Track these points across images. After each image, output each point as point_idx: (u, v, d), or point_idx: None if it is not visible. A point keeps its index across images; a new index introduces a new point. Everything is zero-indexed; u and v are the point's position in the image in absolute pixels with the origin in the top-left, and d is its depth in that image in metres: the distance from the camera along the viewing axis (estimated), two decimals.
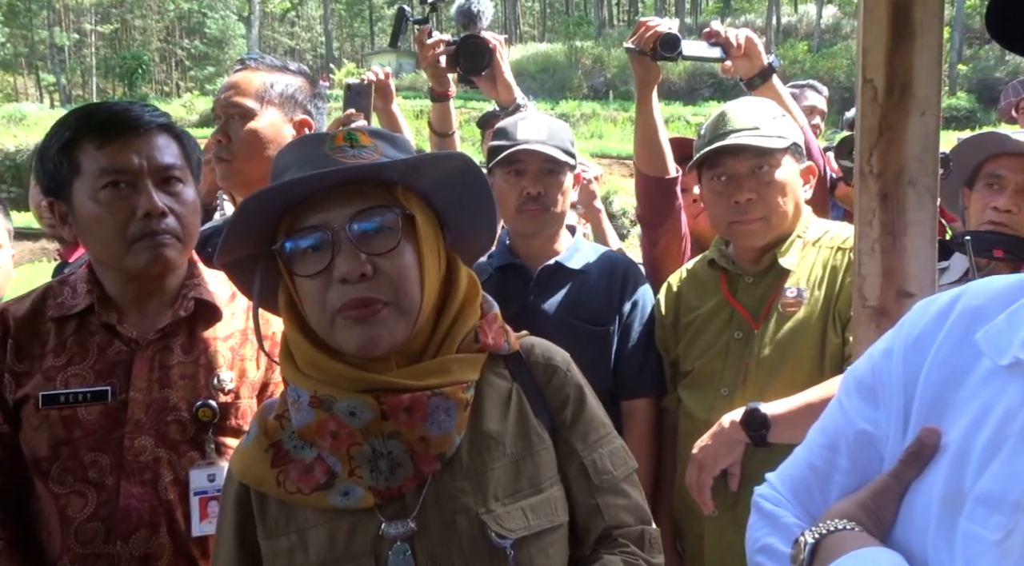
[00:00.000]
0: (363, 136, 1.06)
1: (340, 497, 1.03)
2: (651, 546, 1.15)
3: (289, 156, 1.07)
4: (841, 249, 1.76)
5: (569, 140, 1.98)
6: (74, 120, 1.38)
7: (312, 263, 1.02)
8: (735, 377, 1.76)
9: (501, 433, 1.08)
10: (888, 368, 0.83)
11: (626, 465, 1.17)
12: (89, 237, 1.39)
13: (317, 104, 1.95)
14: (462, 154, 1.11)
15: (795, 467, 0.92)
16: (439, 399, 1.02)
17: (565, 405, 1.14)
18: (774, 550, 0.86)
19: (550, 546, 1.06)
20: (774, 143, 1.74)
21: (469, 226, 1.16)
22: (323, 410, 1.01)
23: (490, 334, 1.11)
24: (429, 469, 1.03)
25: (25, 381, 1.36)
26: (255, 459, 1.08)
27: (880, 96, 1.25)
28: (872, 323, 1.28)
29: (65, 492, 1.33)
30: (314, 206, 1.02)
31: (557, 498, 1.09)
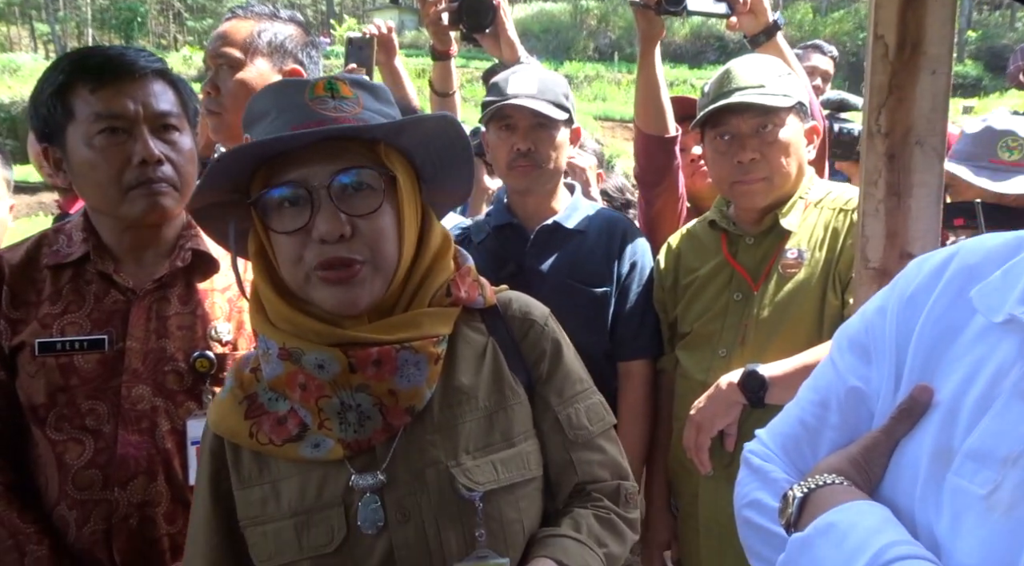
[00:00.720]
0: (344, 86, 1.03)
1: (311, 449, 1.03)
2: (626, 501, 1.16)
3: (266, 101, 1.03)
4: (843, 210, 1.74)
5: (563, 94, 1.93)
6: (67, 64, 1.36)
7: (290, 219, 1.00)
8: (733, 338, 1.77)
9: (474, 387, 1.08)
10: (881, 326, 0.83)
11: (603, 421, 1.17)
12: (84, 184, 1.37)
13: (310, 53, 1.91)
14: (446, 115, 1.09)
15: (785, 424, 0.92)
16: (408, 353, 1.02)
17: (541, 360, 1.14)
18: (763, 504, 0.87)
19: (521, 499, 1.07)
20: (779, 102, 1.71)
21: (447, 183, 1.15)
22: (292, 362, 1.01)
23: (463, 288, 1.10)
24: (399, 422, 1.03)
25: (21, 328, 1.36)
26: (229, 411, 1.08)
27: (891, 53, 1.23)
28: (874, 284, 1.28)
29: (63, 439, 1.34)
30: (292, 160, 0.99)
31: (530, 452, 1.10)
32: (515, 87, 1.88)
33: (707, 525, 1.79)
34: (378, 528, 1.01)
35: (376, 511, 1.01)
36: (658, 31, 2.06)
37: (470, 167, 1.15)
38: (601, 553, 1.08)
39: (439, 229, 1.12)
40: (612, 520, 1.12)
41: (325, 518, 1.02)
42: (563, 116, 1.90)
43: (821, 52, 3.94)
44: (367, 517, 1.01)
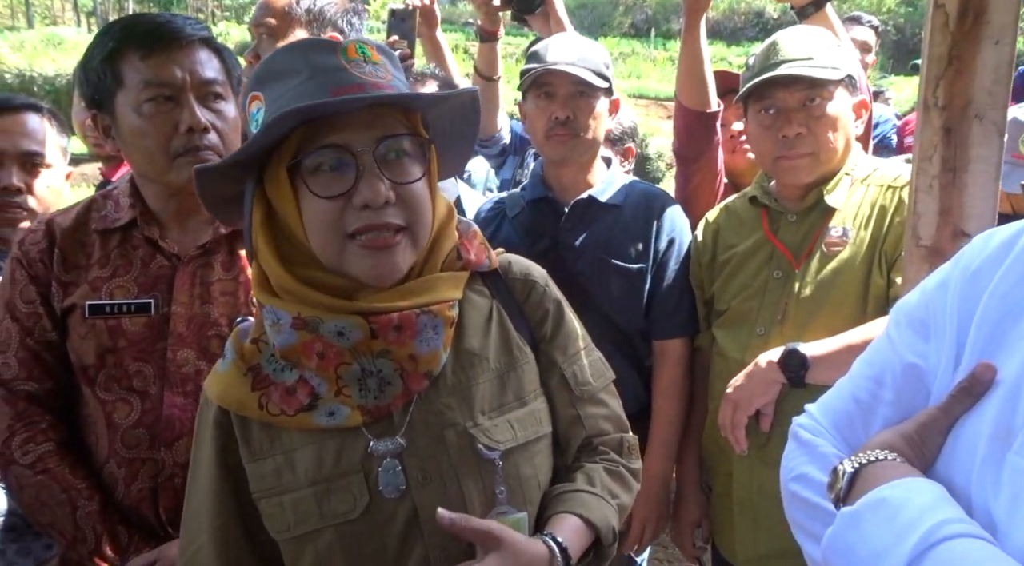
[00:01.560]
0: (373, 51, 1.01)
1: (325, 417, 1.02)
2: (629, 452, 1.20)
3: (292, 59, 0.99)
4: (891, 187, 1.70)
5: (604, 63, 1.89)
6: (118, 30, 1.38)
7: (330, 184, 0.97)
8: (772, 317, 1.74)
9: (484, 349, 1.09)
10: (942, 301, 0.80)
11: (604, 376, 1.21)
12: (132, 150, 1.39)
13: (351, 21, 1.90)
14: (474, 92, 1.08)
15: (838, 399, 0.90)
16: (427, 317, 1.02)
17: (545, 319, 1.17)
18: (810, 479, 0.86)
19: (535, 456, 1.10)
20: (828, 74, 1.66)
21: (447, 155, 1.15)
22: (308, 331, 0.99)
23: (472, 250, 1.12)
24: (418, 387, 1.04)
25: (72, 290, 1.40)
26: (234, 382, 1.06)
27: (952, 22, 1.18)
28: (925, 263, 1.24)
29: (111, 399, 1.37)
30: (333, 124, 0.97)
31: (541, 410, 1.13)
32: (555, 55, 1.85)
33: (741, 505, 1.78)
34: (400, 491, 1.01)
35: (397, 475, 1.01)
36: (704, 3, 2.01)
37: (471, 146, 1.18)
38: (615, 504, 1.12)
39: (443, 199, 1.12)
40: (620, 472, 1.17)
41: (345, 485, 1.02)
42: (603, 84, 1.87)
43: (859, 23, 3.79)
44: (388, 481, 1.01)
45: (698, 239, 1.95)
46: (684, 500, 1.97)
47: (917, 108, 1.26)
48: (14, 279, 1.41)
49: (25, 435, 1.36)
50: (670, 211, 1.95)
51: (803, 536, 0.87)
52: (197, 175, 1.03)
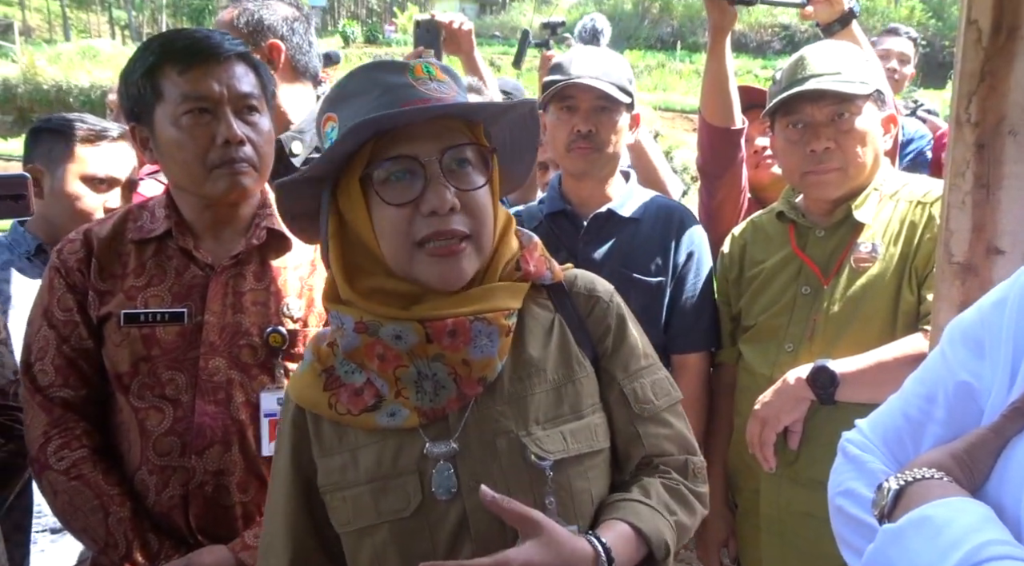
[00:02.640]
0: (438, 70, 1.07)
1: (387, 417, 1.07)
2: (695, 475, 1.17)
3: (363, 80, 1.06)
4: (921, 203, 1.68)
5: (627, 78, 1.90)
6: (157, 46, 1.41)
7: (399, 192, 1.03)
8: (801, 333, 1.72)
9: (542, 360, 1.11)
10: (999, 319, 0.79)
11: (669, 396, 1.18)
12: (170, 162, 1.43)
13: (294, 26, 1.95)
14: (533, 104, 1.13)
15: (888, 415, 0.90)
16: (481, 324, 1.05)
17: (606, 335, 1.16)
18: (857, 494, 0.85)
19: (589, 470, 1.09)
20: (856, 89, 1.66)
21: (509, 167, 1.18)
22: (368, 334, 1.05)
23: (531, 262, 1.13)
24: (472, 392, 1.06)
25: (108, 299, 1.42)
26: (309, 383, 1.13)
27: (985, 38, 1.17)
28: (957, 280, 1.22)
29: (144, 406, 1.40)
30: (401, 136, 1.03)
31: (598, 424, 1.12)
32: (579, 68, 1.86)
33: (768, 523, 1.76)
34: (452, 494, 1.04)
35: (449, 478, 1.04)
36: (730, 21, 2.01)
37: (533, 156, 1.19)
38: (672, 520, 1.09)
39: (503, 209, 1.16)
40: (681, 491, 1.13)
41: (401, 484, 1.06)
42: (626, 99, 1.87)
43: (897, 34, 3.72)
44: (441, 483, 1.04)
45: (725, 254, 1.94)
46: (710, 518, 1.92)
47: (949, 124, 1.25)
48: (52, 287, 1.44)
49: (60, 441, 1.39)
50: (689, 225, 1.95)
51: (848, 551, 0.87)
52: (278, 189, 1.09)
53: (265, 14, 1.91)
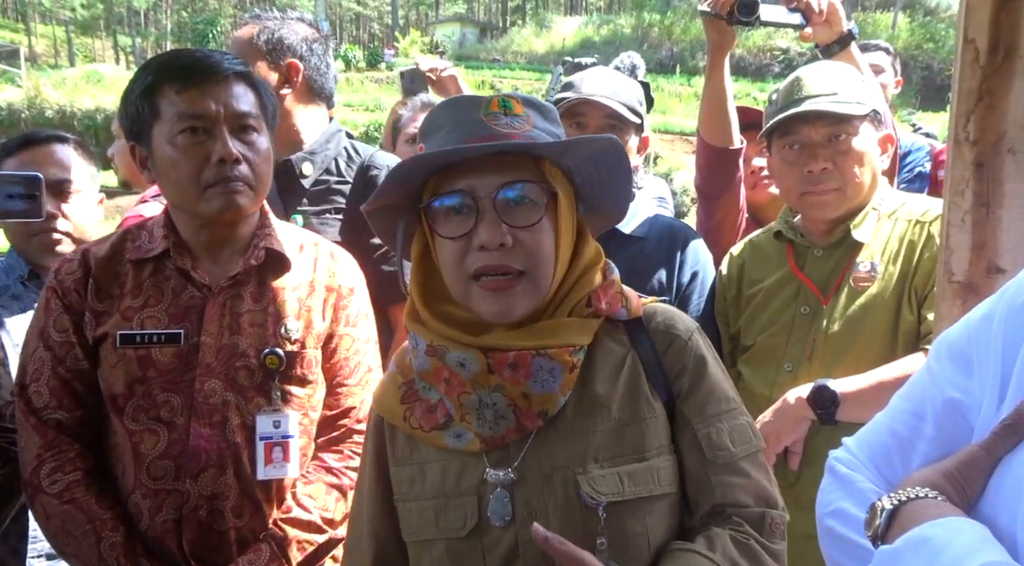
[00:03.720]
0: (517, 104, 1.09)
1: (454, 438, 1.10)
2: (771, 531, 1.07)
3: (442, 115, 1.10)
4: (920, 222, 1.68)
5: (637, 99, 1.91)
6: (156, 65, 1.41)
7: (454, 226, 1.06)
8: (800, 353, 1.71)
9: (608, 398, 1.09)
10: (987, 334, 0.78)
11: (749, 443, 1.11)
12: (165, 181, 1.42)
13: (313, 47, 1.96)
14: (611, 138, 1.11)
15: (876, 433, 0.89)
16: (543, 359, 1.05)
17: (682, 374, 1.12)
18: (847, 514, 0.84)
19: (648, 514, 1.05)
20: (853, 109, 1.66)
21: (604, 202, 1.19)
22: (437, 359, 1.08)
23: (604, 299, 1.12)
24: (531, 424, 1.07)
25: (104, 320, 1.41)
26: (389, 393, 1.17)
27: (982, 58, 1.17)
28: (958, 299, 1.22)
29: (139, 429, 1.38)
30: (463, 171, 1.05)
31: (662, 468, 1.07)
32: (590, 86, 1.87)
33: None
34: (506, 521, 1.05)
35: (505, 505, 1.06)
36: (729, 41, 2.02)
37: (628, 190, 1.19)
38: None
39: (593, 245, 1.17)
40: (752, 546, 1.04)
41: (461, 504, 1.08)
42: (635, 120, 1.88)
43: (869, 50, 3.71)
44: (496, 510, 1.06)
45: (723, 274, 1.94)
46: None
47: (948, 142, 1.25)
48: (48, 308, 1.43)
49: (53, 464, 1.37)
50: (694, 244, 1.94)
51: None
52: (367, 216, 1.14)
53: (285, 33, 1.93)
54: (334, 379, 1.51)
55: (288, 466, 1.42)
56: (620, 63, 2.72)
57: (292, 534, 1.42)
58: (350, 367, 1.52)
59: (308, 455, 1.49)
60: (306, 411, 1.47)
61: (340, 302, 1.53)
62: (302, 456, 1.46)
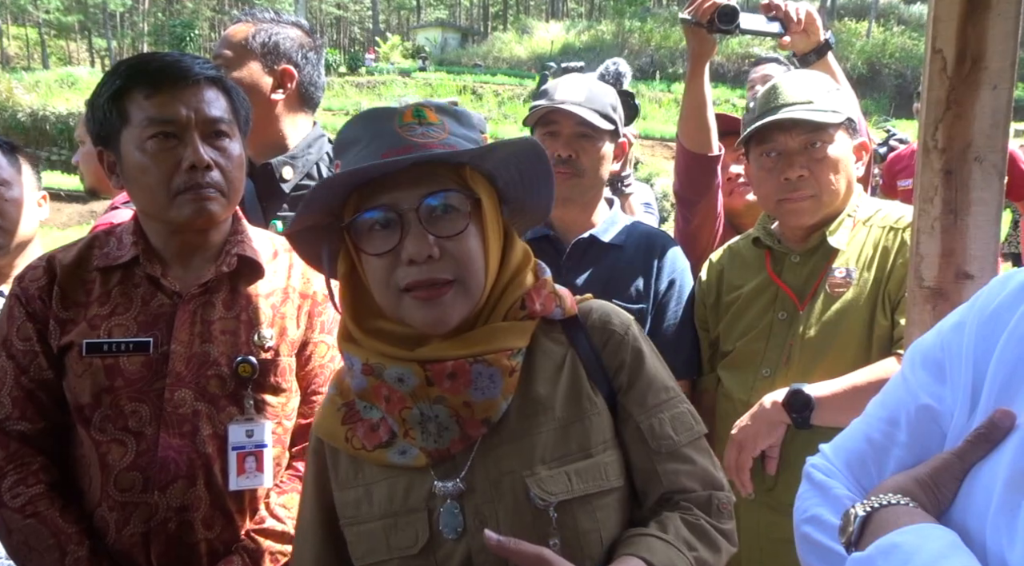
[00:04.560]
0: (431, 113, 1.07)
1: (398, 455, 1.08)
2: (719, 511, 1.11)
3: (357, 129, 1.09)
4: (893, 229, 1.70)
5: (610, 105, 1.90)
6: (125, 69, 1.39)
7: (380, 242, 1.04)
8: (777, 358, 1.73)
9: (550, 398, 1.09)
10: (958, 342, 0.79)
11: (691, 430, 1.14)
12: (135, 187, 1.40)
13: (308, 55, 1.95)
14: (530, 139, 1.11)
15: (851, 439, 0.89)
16: (482, 366, 1.04)
17: (621, 369, 1.14)
18: (822, 521, 0.84)
19: (598, 510, 1.06)
20: (828, 118, 1.68)
21: (528, 201, 1.18)
22: (374, 377, 1.07)
23: (538, 301, 1.12)
24: (476, 432, 1.06)
25: (70, 328, 1.38)
26: (329, 415, 1.15)
27: (949, 68, 1.19)
28: (928, 305, 1.23)
29: (106, 440, 1.35)
30: (384, 185, 1.04)
31: (608, 463, 1.09)
32: (563, 94, 1.87)
33: (748, 550, 1.74)
34: (458, 533, 1.04)
35: (456, 517, 1.05)
36: (709, 49, 2.05)
37: (551, 188, 1.17)
38: (691, 556, 1.04)
39: (520, 246, 1.15)
40: (702, 526, 1.08)
41: (411, 521, 1.07)
42: (608, 127, 1.88)
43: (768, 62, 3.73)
44: (448, 522, 1.05)
45: (702, 280, 1.94)
46: None
47: (917, 150, 1.26)
48: (11, 316, 1.40)
49: (16, 477, 1.34)
50: (671, 252, 1.95)
51: None
52: (289, 239, 1.14)
53: (282, 38, 1.91)
54: (309, 387, 1.49)
55: (261, 476, 1.40)
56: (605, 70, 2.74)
57: (265, 545, 1.40)
58: (325, 375, 1.49)
59: (282, 464, 1.47)
60: (280, 420, 1.45)
61: (315, 309, 1.51)
62: (276, 465, 1.44)
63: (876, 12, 36.24)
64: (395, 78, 31.10)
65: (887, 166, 4.78)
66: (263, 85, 1.87)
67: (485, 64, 36.34)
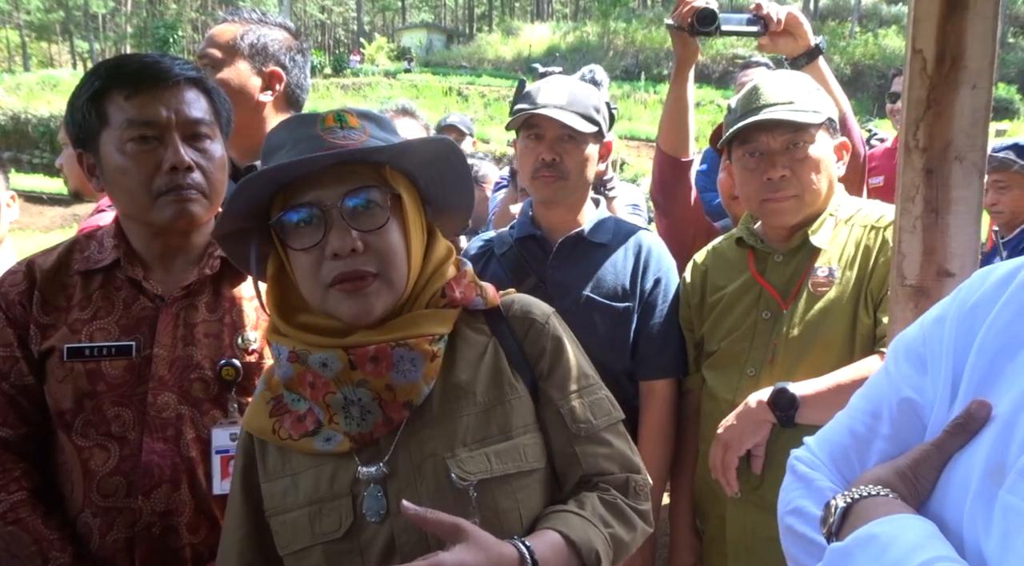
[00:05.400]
0: (352, 118, 1.12)
1: (323, 442, 1.11)
2: (636, 493, 1.19)
3: (281, 135, 1.12)
4: (875, 227, 1.71)
5: (593, 106, 1.90)
6: (104, 70, 1.37)
7: (306, 237, 1.08)
8: (762, 357, 1.73)
9: (471, 383, 1.14)
10: (939, 335, 0.80)
11: (609, 415, 1.21)
12: (115, 189, 1.38)
13: (295, 58, 1.95)
14: (445, 139, 1.16)
15: (835, 432, 0.90)
16: (403, 349, 1.09)
17: (542, 356, 1.19)
18: (805, 512, 0.85)
19: (518, 490, 1.11)
20: (809, 118, 1.69)
21: (449, 202, 1.23)
22: (300, 364, 1.10)
23: (458, 289, 1.17)
24: (398, 416, 1.10)
25: (51, 333, 1.37)
26: (258, 410, 1.18)
27: (929, 67, 1.20)
28: (910, 302, 1.24)
29: (88, 445, 1.34)
30: (308, 184, 1.08)
31: (528, 445, 1.14)
32: (545, 97, 1.87)
33: (735, 549, 1.75)
34: (381, 516, 1.08)
35: (379, 500, 1.08)
36: (692, 53, 2.08)
37: (469, 188, 1.22)
38: (606, 532, 1.11)
39: (443, 243, 1.21)
40: (618, 505, 1.15)
41: (335, 507, 1.10)
42: (591, 129, 1.88)
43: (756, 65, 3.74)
44: (371, 506, 1.08)
45: (687, 281, 1.95)
46: (677, 545, 1.93)
47: (898, 149, 1.28)
48: None
49: None
50: (657, 251, 1.96)
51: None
52: (218, 241, 1.17)
53: (270, 40, 1.91)
54: None
55: None
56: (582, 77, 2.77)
57: None
58: None
59: None
60: None
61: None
62: None
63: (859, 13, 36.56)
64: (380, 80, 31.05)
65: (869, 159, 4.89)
66: (251, 86, 1.87)
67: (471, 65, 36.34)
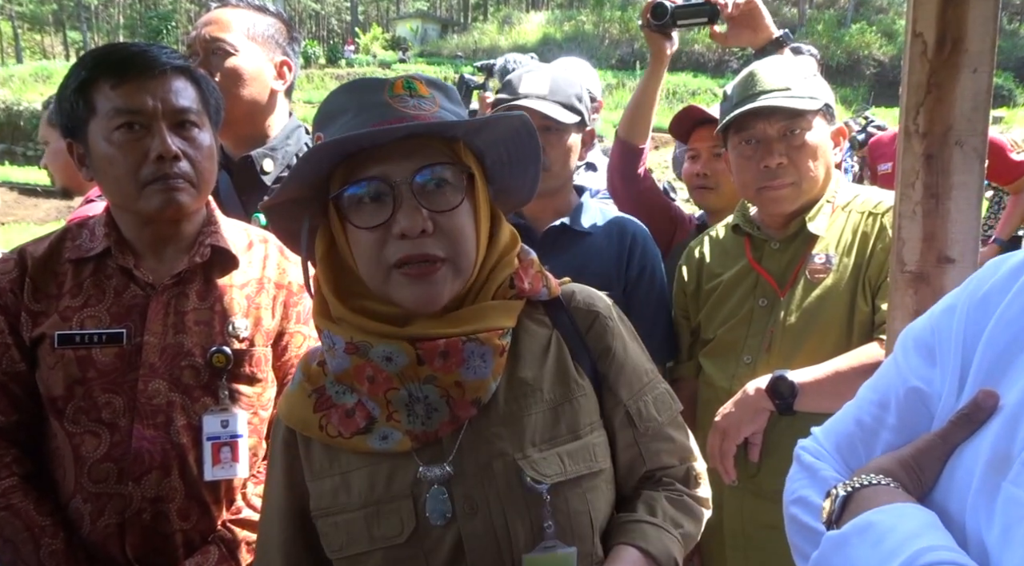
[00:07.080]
0: (421, 85, 1.04)
1: (379, 441, 1.04)
2: (696, 482, 1.17)
3: (343, 100, 1.04)
4: (872, 214, 1.70)
5: (575, 95, 1.88)
6: (91, 60, 1.36)
7: (370, 215, 1.00)
8: (759, 345, 1.72)
9: (538, 380, 1.07)
10: (949, 326, 0.79)
11: (671, 409, 1.17)
12: (103, 179, 1.37)
13: (294, 48, 1.95)
14: (522, 115, 1.08)
15: (842, 422, 0.89)
16: (474, 344, 1.02)
17: (607, 353, 1.13)
18: (809, 502, 0.85)
19: (588, 491, 1.06)
20: (806, 104, 1.67)
21: (513, 182, 1.15)
22: (359, 356, 1.02)
23: (526, 279, 1.10)
24: (465, 414, 1.03)
25: (42, 320, 1.36)
26: (299, 403, 1.10)
27: (930, 51, 1.18)
28: (910, 289, 1.23)
29: (79, 431, 1.33)
30: (374, 157, 1.00)
31: (596, 444, 1.09)
32: (526, 87, 1.85)
33: (732, 537, 1.74)
34: (446, 519, 1.01)
35: (444, 502, 1.01)
36: (660, 49, 2.12)
37: (537, 169, 1.14)
38: (678, 534, 1.08)
39: (507, 228, 1.13)
40: (684, 501, 1.13)
41: (395, 509, 1.03)
42: (573, 119, 1.86)
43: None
44: (435, 508, 1.01)
45: (683, 269, 1.94)
46: None
47: (898, 135, 1.26)
48: None
49: None
50: (642, 239, 1.95)
51: (800, 560, 0.86)
52: (266, 213, 1.08)
53: (276, 31, 1.90)
54: (285, 377, 1.47)
55: (237, 466, 1.38)
56: None
57: (242, 535, 1.38)
58: None
59: (259, 455, 1.45)
60: (256, 410, 1.43)
61: (290, 299, 1.49)
62: (252, 456, 1.42)
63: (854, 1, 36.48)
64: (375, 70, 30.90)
65: (869, 151, 4.94)
66: (266, 75, 1.84)
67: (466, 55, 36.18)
